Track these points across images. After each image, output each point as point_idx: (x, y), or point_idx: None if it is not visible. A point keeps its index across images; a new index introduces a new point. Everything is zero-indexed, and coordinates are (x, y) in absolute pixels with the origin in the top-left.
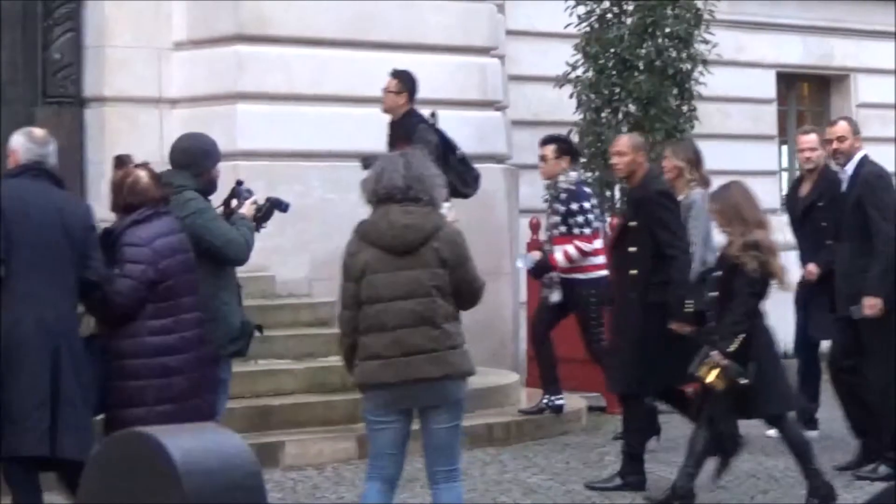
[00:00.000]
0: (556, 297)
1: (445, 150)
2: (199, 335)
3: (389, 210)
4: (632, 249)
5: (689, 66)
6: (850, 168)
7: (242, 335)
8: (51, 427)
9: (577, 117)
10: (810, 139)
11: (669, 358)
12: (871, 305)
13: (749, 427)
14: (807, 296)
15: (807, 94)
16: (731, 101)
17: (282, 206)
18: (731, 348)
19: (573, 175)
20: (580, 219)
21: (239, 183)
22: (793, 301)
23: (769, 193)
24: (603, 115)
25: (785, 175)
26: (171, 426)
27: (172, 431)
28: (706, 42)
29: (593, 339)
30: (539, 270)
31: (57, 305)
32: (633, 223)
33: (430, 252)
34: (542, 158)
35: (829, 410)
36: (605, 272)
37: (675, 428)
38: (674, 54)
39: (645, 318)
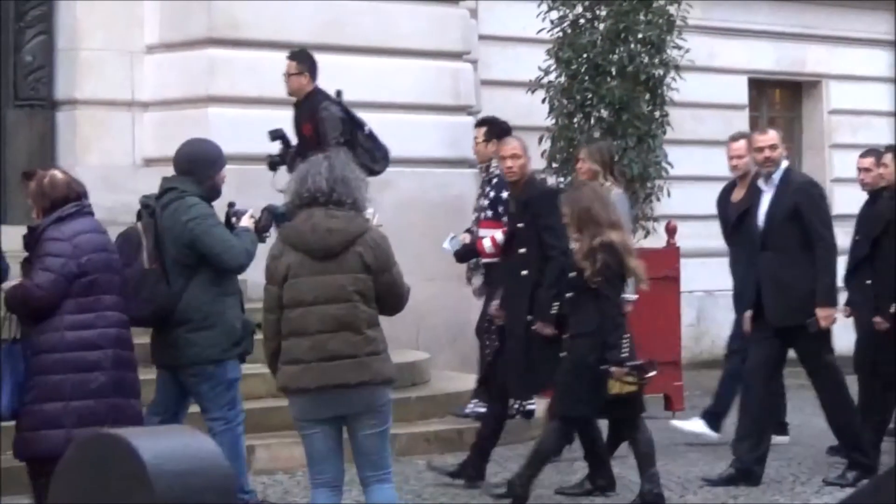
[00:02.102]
0: (477, 281)
1: (353, 127)
2: (120, 335)
3: (313, 213)
4: (521, 251)
5: (661, 71)
6: (776, 176)
7: (245, 335)
8: None
9: (550, 122)
10: (739, 146)
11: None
12: (826, 316)
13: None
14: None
15: (778, 100)
16: (704, 106)
17: (277, 212)
18: (624, 354)
19: None
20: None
21: (231, 205)
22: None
23: None
24: (575, 120)
25: None
26: (143, 428)
27: (143, 433)
28: (678, 48)
29: (483, 319)
30: (465, 254)
31: None
32: (520, 225)
33: (354, 256)
34: (475, 140)
35: (801, 416)
36: None
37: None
38: (646, 60)
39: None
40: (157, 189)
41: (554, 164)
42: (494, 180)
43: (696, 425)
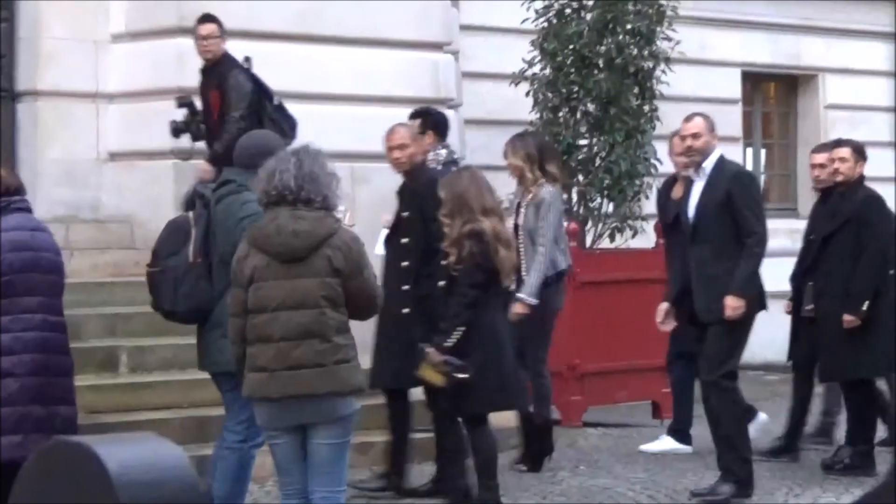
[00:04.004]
0: None
1: (261, 98)
2: (44, 339)
3: (279, 214)
4: (404, 241)
5: (650, 64)
6: (708, 166)
7: None
8: None
9: (534, 116)
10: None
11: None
12: (734, 307)
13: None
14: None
15: (773, 95)
16: (695, 101)
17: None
18: (449, 343)
19: (442, 153)
20: None
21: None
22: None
23: None
24: (560, 114)
25: None
26: (108, 435)
27: (108, 441)
28: (669, 39)
29: None
30: None
31: None
32: (405, 214)
33: (321, 260)
34: None
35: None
36: None
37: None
38: (635, 52)
39: (417, 310)
40: (131, 184)
41: None
42: None
43: (666, 443)
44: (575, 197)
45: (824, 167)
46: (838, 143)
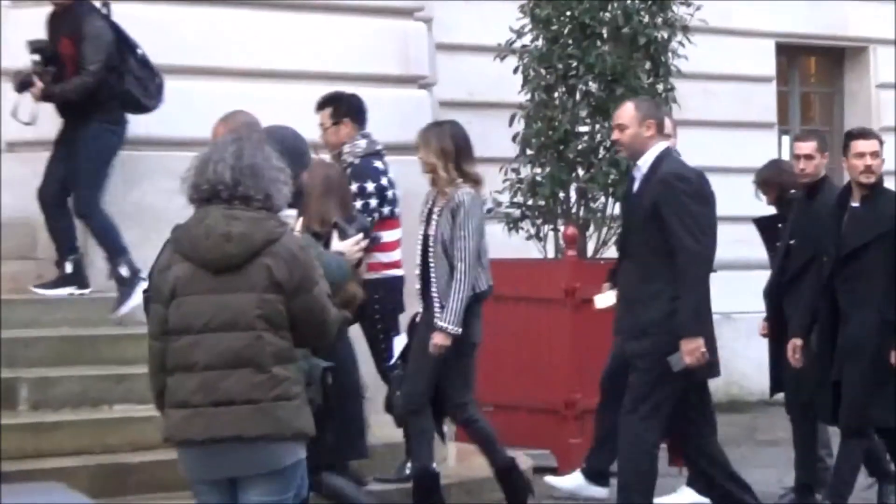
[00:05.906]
0: None
1: (123, 50)
2: None
3: (209, 213)
4: None
5: (665, 34)
6: (644, 164)
7: (311, 381)
8: None
9: (524, 98)
10: None
11: None
12: (691, 350)
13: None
14: None
15: (814, 71)
16: (719, 78)
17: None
18: None
19: (361, 144)
20: (359, 204)
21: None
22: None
23: None
24: (556, 94)
25: None
26: (5, 486)
27: (5, 494)
28: (687, 4)
29: (382, 357)
30: None
31: None
32: None
33: (260, 271)
34: (321, 126)
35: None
36: (395, 272)
37: None
38: (646, 19)
39: None
40: (33, 180)
41: (529, 151)
42: (348, 170)
43: (686, 496)
44: (574, 196)
45: (811, 158)
46: (864, 133)
